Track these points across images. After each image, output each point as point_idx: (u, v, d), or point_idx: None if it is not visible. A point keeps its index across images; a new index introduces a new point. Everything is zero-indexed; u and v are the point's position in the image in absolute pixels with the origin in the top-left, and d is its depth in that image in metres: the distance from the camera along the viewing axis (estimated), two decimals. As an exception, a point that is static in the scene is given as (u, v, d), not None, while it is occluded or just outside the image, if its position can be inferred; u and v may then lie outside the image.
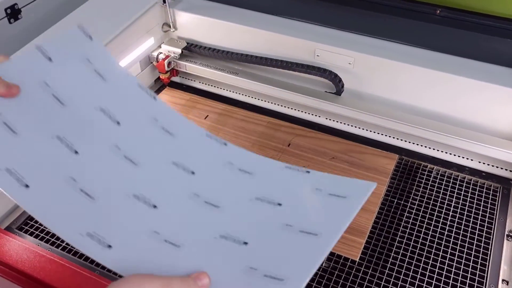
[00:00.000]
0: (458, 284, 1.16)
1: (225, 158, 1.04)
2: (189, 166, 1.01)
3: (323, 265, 1.19)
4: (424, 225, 1.29)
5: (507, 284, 1.17)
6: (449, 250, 1.23)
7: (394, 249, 1.24)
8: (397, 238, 1.26)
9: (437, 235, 1.27)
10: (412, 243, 1.25)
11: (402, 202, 1.35)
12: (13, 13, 2.24)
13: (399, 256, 1.22)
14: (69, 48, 1.06)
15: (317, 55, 1.55)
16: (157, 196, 0.93)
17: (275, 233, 0.91)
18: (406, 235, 1.27)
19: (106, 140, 0.97)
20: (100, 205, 0.88)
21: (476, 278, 1.18)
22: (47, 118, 0.93)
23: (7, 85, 0.88)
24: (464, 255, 1.22)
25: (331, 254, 1.20)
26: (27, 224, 1.28)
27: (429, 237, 1.26)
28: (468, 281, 1.17)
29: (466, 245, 1.25)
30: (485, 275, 1.18)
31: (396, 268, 1.20)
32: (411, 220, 1.31)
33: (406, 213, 1.32)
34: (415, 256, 1.22)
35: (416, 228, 1.29)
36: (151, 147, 1.01)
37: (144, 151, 0.99)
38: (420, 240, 1.26)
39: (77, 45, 1.07)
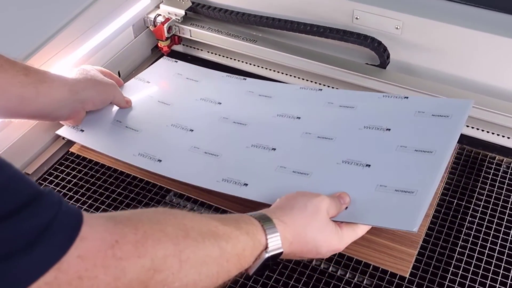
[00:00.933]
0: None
1: (324, 99, 1.46)
2: (293, 113, 1.43)
3: (365, 282, 1.18)
4: (491, 231, 1.27)
5: None
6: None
7: (453, 262, 1.21)
8: (457, 249, 1.24)
9: (508, 244, 1.24)
10: (476, 254, 1.23)
11: (463, 203, 1.33)
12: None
13: (460, 272, 1.20)
14: (160, 71, 1.70)
15: (356, 18, 1.54)
16: (273, 141, 1.36)
17: (392, 154, 1.25)
18: (469, 245, 1.25)
19: (213, 117, 1.48)
20: (227, 157, 1.34)
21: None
22: (160, 115, 1.50)
23: (126, 100, 1.51)
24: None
25: (375, 268, 1.19)
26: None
27: (497, 247, 1.24)
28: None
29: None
30: None
31: (456, 286, 1.17)
32: (474, 226, 1.28)
33: (468, 217, 1.30)
34: (480, 272, 1.19)
35: (481, 236, 1.26)
36: (254, 110, 1.49)
37: (249, 114, 1.47)
38: (486, 251, 1.23)
39: (167, 67, 1.71)
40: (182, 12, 1.69)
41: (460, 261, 1.21)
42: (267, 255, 0.98)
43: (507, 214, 1.30)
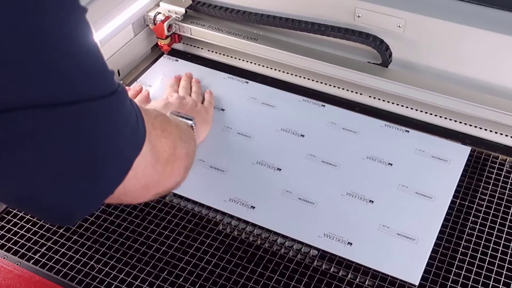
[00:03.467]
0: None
1: (327, 119, 1.52)
2: (297, 130, 1.48)
3: (366, 283, 1.18)
4: (494, 232, 1.27)
5: None
6: (527, 265, 1.21)
7: (456, 263, 1.21)
8: (460, 249, 1.24)
9: (511, 245, 1.24)
10: (479, 255, 1.23)
11: (466, 203, 1.33)
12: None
13: (463, 272, 1.20)
14: (161, 72, 1.70)
15: (358, 16, 1.53)
16: (278, 160, 1.40)
17: (394, 192, 1.32)
18: (471, 245, 1.25)
19: (216, 125, 1.49)
20: (233, 173, 1.37)
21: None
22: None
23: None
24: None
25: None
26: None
27: (500, 247, 1.24)
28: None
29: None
30: None
31: (458, 287, 1.17)
32: (477, 226, 1.28)
33: (471, 217, 1.30)
34: (483, 272, 1.19)
35: (484, 236, 1.26)
36: (258, 121, 1.51)
37: (253, 125, 1.50)
38: (489, 252, 1.23)
39: (168, 67, 1.73)
40: (182, 10, 1.69)
41: (463, 262, 1.21)
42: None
43: (510, 214, 1.30)
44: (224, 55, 1.74)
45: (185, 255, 1.24)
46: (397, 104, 1.56)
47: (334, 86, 1.62)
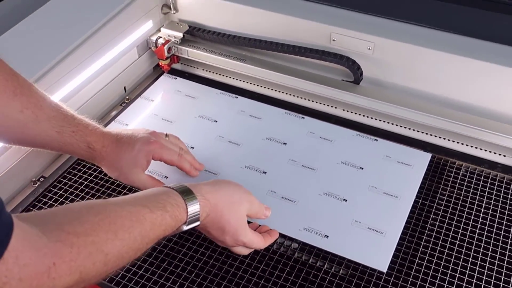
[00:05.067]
0: (493, 296, 1.15)
1: (306, 129, 1.52)
2: (280, 138, 1.49)
3: (340, 272, 1.17)
4: (452, 228, 1.27)
5: (547, 294, 1.15)
6: (480, 256, 1.21)
7: (418, 254, 1.21)
8: (422, 243, 1.24)
9: (466, 239, 1.24)
10: (438, 248, 1.23)
11: (428, 203, 1.33)
12: (-2, -6, 2.22)
13: (424, 263, 1.20)
14: (162, 88, 1.70)
15: (333, 40, 1.53)
16: (264, 164, 1.41)
17: (365, 192, 1.34)
18: (432, 239, 1.25)
19: (210, 135, 1.50)
20: (224, 176, 1.37)
21: (510, 287, 1.15)
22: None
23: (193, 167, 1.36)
24: (497, 261, 1.20)
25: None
26: None
27: (457, 241, 1.24)
28: (501, 291, 1.15)
29: (499, 250, 1.22)
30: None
31: (421, 275, 1.17)
32: (437, 223, 1.28)
33: (431, 215, 1.30)
34: (442, 263, 1.20)
35: (443, 231, 1.26)
36: (246, 130, 1.52)
37: (242, 134, 1.50)
38: (447, 245, 1.23)
39: (168, 84, 1.71)
40: (180, 35, 1.68)
41: (424, 253, 1.21)
42: (185, 228, 1.02)
43: (466, 212, 1.30)
44: (216, 74, 1.74)
45: (182, 248, 1.23)
46: (367, 117, 1.56)
47: (313, 101, 1.62)
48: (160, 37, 1.71)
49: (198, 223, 1.04)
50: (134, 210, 0.91)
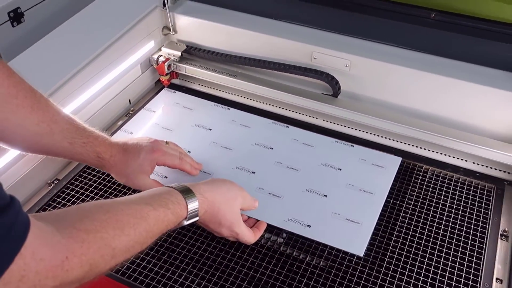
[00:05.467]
0: (453, 283, 1.15)
1: (290, 136, 1.53)
2: (268, 144, 1.50)
3: (321, 263, 1.19)
4: (419, 224, 1.29)
5: (501, 283, 1.17)
6: (444, 250, 1.22)
7: (390, 248, 1.23)
8: (393, 238, 1.25)
9: (432, 234, 1.26)
10: (407, 242, 1.24)
11: (398, 202, 1.35)
12: (16, 17, 2.23)
13: (395, 256, 1.21)
14: (163, 101, 1.71)
15: (314, 58, 1.54)
16: (252, 166, 1.43)
17: (343, 189, 1.36)
18: (402, 234, 1.26)
19: (205, 141, 1.51)
20: (217, 176, 1.38)
21: (471, 276, 1.17)
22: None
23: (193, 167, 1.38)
24: (459, 254, 1.21)
25: (329, 253, 1.21)
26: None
27: (424, 237, 1.26)
28: (463, 280, 1.16)
29: (461, 244, 1.24)
30: (480, 273, 1.17)
31: (392, 267, 1.19)
32: (406, 220, 1.30)
33: (402, 213, 1.32)
34: (411, 255, 1.21)
35: (412, 227, 1.28)
36: (237, 137, 1.53)
37: (233, 140, 1.51)
38: (416, 240, 1.25)
39: (168, 97, 1.72)
40: (179, 53, 1.69)
41: (395, 247, 1.23)
42: (185, 222, 1.05)
43: (432, 211, 1.32)
44: (211, 88, 1.75)
45: (180, 242, 1.25)
46: (345, 126, 1.57)
47: (296, 112, 1.63)
48: (161, 55, 1.71)
49: (197, 218, 1.06)
50: (139, 208, 0.93)
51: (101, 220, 0.84)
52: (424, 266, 1.19)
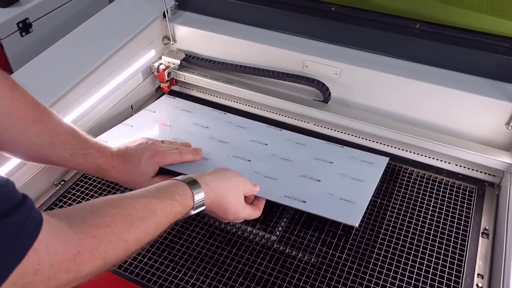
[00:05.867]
0: (437, 278, 1.15)
1: (284, 137, 1.51)
2: (262, 141, 1.48)
3: (312, 260, 1.18)
4: (405, 223, 1.28)
5: (482, 278, 1.17)
6: (429, 247, 1.22)
7: (377, 245, 1.23)
8: (380, 236, 1.25)
9: (418, 232, 1.26)
10: (394, 240, 1.24)
11: (385, 202, 1.34)
12: (25, 27, 2.23)
13: (382, 252, 1.21)
14: (164, 104, 1.67)
15: (306, 66, 1.54)
16: (248, 156, 1.40)
17: (337, 177, 1.34)
18: (389, 233, 1.26)
19: (202, 136, 1.48)
20: (215, 162, 1.36)
21: (454, 272, 1.17)
22: (161, 134, 1.50)
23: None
24: (443, 251, 1.21)
25: (319, 250, 1.20)
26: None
27: (410, 234, 1.25)
28: (446, 275, 1.16)
29: (444, 241, 1.24)
30: (462, 269, 1.17)
31: (379, 263, 1.19)
32: (393, 219, 1.30)
33: (388, 212, 1.31)
34: (397, 252, 1.21)
35: (398, 226, 1.28)
36: (233, 134, 1.50)
37: (230, 136, 1.48)
38: (402, 237, 1.25)
39: (168, 102, 1.68)
40: (178, 62, 1.69)
41: (382, 244, 1.23)
42: (192, 212, 1.03)
43: (417, 210, 1.32)
44: (209, 94, 1.74)
45: (179, 240, 1.24)
46: (335, 130, 1.57)
47: (289, 117, 1.63)
48: (161, 63, 1.71)
49: (203, 207, 1.05)
50: (147, 202, 0.92)
51: (111, 215, 0.84)
52: (410, 262, 1.19)
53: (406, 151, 1.49)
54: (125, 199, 0.91)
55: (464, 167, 1.44)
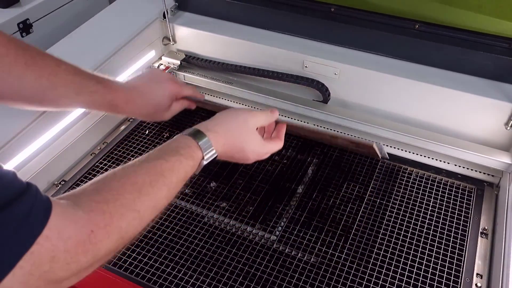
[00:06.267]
0: (436, 278, 1.15)
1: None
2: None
3: (312, 260, 1.18)
4: (405, 223, 1.28)
5: (481, 278, 1.16)
6: (428, 247, 1.22)
7: (376, 245, 1.23)
8: (379, 235, 1.25)
9: (417, 232, 1.26)
10: (393, 240, 1.24)
11: (384, 202, 1.34)
12: (25, 27, 2.23)
13: (382, 252, 1.21)
14: None
15: (306, 66, 1.54)
16: None
17: None
18: (388, 232, 1.26)
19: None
20: None
21: (453, 272, 1.17)
22: None
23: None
24: (442, 251, 1.21)
25: (319, 250, 1.20)
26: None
27: (409, 234, 1.25)
28: (445, 275, 1.16)
29: (444, 241, 1.24)
30: (461, 269, 1.17)
31: (378, 263, 1.19)
32: (392, 219, 1.29)
33: (388, 212, 1.31)
34: (396, 252, 1.21)
35: (397, 226, 1.27)
36: None
37: None
38: (401, 237, 1.24)
39: None
40: (178, 62, 1.69)
41: (381, 244, 1.23)
42: (205, 162, 0.98)
43: (416, 210, 1.32)
44: (208, 94, 1.73)
45: (179, 240, 1.24)
46: (334, 130, 1.56)
47: (289, 117, 1.61)
48: (161, 64, 1.71)
49: (215, 154, 1.00)
50: (151, 165, 0.88)
51: (117, 188, 0.81)
52: (409, 262, 1.19)
53: (405, 151, 1.49)
54: (128, 168, 0.87)
55: (463, 167, 1.44)
